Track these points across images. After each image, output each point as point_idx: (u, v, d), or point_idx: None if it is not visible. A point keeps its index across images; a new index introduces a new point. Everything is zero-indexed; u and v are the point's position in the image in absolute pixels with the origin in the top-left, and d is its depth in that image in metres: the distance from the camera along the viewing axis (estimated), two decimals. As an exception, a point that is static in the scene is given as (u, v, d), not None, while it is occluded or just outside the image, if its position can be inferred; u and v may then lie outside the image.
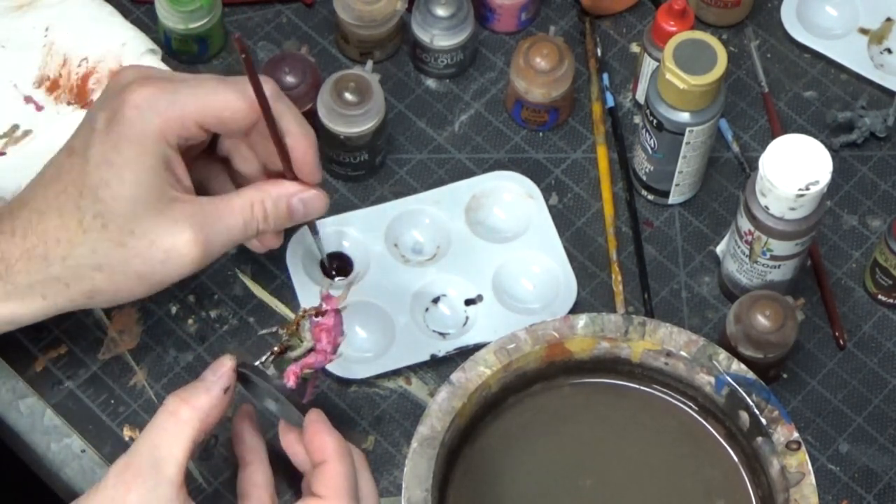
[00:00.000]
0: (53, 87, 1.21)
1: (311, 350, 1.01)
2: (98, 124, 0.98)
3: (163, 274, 0.98)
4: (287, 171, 1.03)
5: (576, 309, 1.15)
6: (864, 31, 1.27)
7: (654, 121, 1.13)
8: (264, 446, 1.03)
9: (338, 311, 1.01)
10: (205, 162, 1.06)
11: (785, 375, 1.14)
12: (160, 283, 0.99)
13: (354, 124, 1.16)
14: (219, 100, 0.99)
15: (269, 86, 1.01)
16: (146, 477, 0.92)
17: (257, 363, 1.00)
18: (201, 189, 1.05)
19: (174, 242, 0.97)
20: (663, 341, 1.05)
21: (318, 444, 0.97)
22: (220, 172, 1.07)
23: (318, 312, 1.01)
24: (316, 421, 0.98)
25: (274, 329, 1.03)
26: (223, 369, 0.97)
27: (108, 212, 0.96)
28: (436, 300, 1.15)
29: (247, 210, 1.01)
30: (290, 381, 1.00)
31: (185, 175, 1.00)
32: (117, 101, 0.98)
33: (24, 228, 0.98)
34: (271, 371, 1.00)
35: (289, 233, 1.16)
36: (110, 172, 0.96)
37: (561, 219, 1.19)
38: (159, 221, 0.97)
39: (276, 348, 1.01)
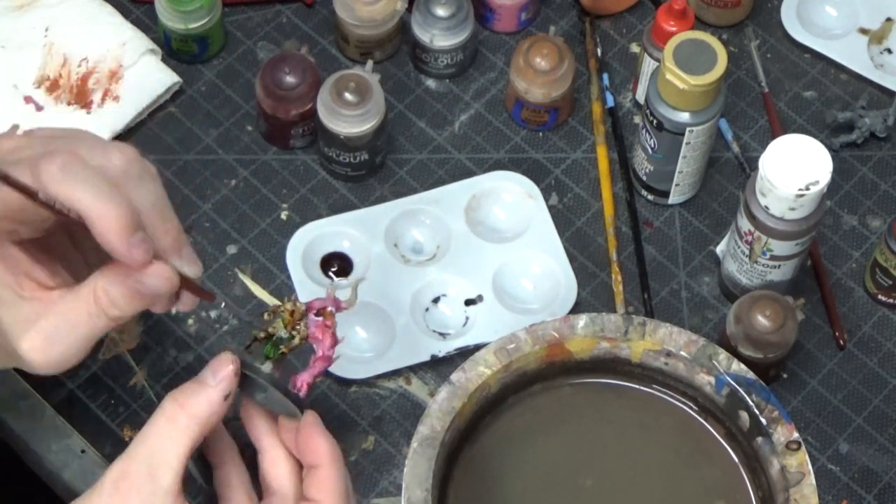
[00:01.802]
0: (53, 87, 1.21)
1: (300, 342, 0.99)
2: None
3: (25, 367, 0.92)
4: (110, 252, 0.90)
5: (576, 309, 1.15)
6: (864, 31, 1.27)
7: (654, 121, 1.13)
8: (235, 446, 1.02)
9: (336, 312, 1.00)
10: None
11: (785, 375, 1.14)
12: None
13: (354, 124, 1.16)
14: (6, 196, 0.86)
15: (51, 165, 0.85)
16: (142, 487, 0.91)
17: (241, 349, 0.98)
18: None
19: (20, 347, 0.90)
20: (663, 341, 1.05)
21: (312, 447, 0.97)
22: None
23: (321, 312, 1.00)
24: (311, 424, 0.97)
25: (267, 313, 1.00)
26: (224, 372, 0.95)
27: None
28: (436, 300, 1.15)
29: (90, 300, 0.89)
30: (304, 391, 0.99)
31: (35, 267, 0.91)
32: None
33: None
34: (265, 366, 0.99)
35: (289, 233, 1.16)
36: None
37: (561, 219, 1.19)
38: (6, 324, 0.90)
39: (261, 334, 0.99)
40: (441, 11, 1.21)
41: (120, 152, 0.88)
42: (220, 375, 0.94)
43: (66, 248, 0.94)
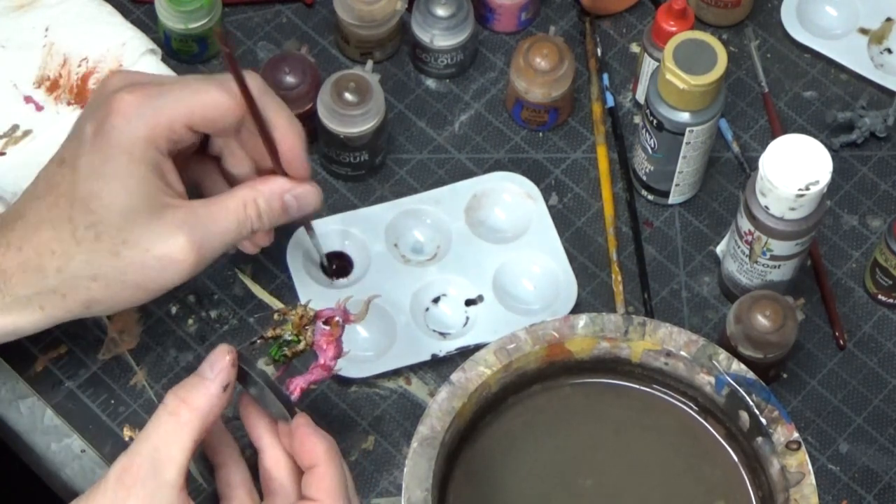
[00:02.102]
0: (53, 87, 1.21)
1: (305, 347, 1.00)
2: (86, 134, 0.98)
3: (159, 281, 0.98)
4: (277, 167, 1.03)
5: (576, 309, 1.15)
6: (864, 31, 1.27)
7: (654, 121, 1.13)
8: (237, 446, 1.02)
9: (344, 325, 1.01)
10: (197, 163, 1.06)
11: (785, 375, 1.14)
12: (157, 290, 0.99)
13: (354, 124, 1.16)
14: (205, 100, 0.99)
15: (254, 81, 1.00)
16: (146, 481, 0.92)
17: (247, 343, 0.99)
18: (195, 190, 1.04)
19: (169, 249, 0.97)
20: (663, 341, 1.05)
21: (307, 448, 0.97)
22: (213, 172, 1.07)
23: (329, 321, 1.00)
24: (303, 425, 0.98)
25: (274, 312, 1.01)
26: (221, 364, 0.96)
27: (101, 223, 0.96)
28: (436, 300, 1.15)
29: (240, 210, 1.01)
30: (296, 394, 0.99)
31: (176, 180, 1.00)
32: (104, 111, 0.98)
33: (19, 241, 0.98)
34: (268, 368, 0.99)
35: (288, 232, 1.16)
36: (100, 183, 0.96)
37: (561, 219, 1.19)
38: (152, 229, 0.97)
39: (268, 333, 1.00)
40: (441, 11, 1.21)
41: (257, 80, 1.01)
42: (217, 367, 0.96)
43: (182, 163, 1.03)
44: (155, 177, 0.97)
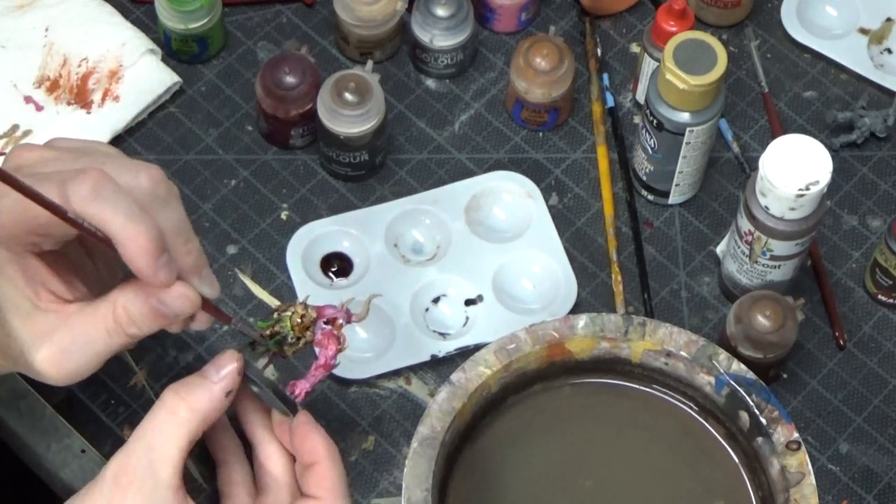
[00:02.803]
0: (53, 87, 1.21)
1: (303, 346, 0.99)
2: None
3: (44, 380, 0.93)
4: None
5: (576, 309, 1.15)
6: (864, 31, 1.27)
7: (654, 121, 1.13)
8: (240, 443, 1.02)
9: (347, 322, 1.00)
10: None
11: (785, 375, 1.14)
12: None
13: (354, 124, 1.16)
14: (34, 211, 0.86)
15: (84, 186, 0.86)
16: (143, 482, 0.91)
17: (247, 345, 0.97)
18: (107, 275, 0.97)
19: (32, 359, 0.91)
20: (663, 341, 1.05)
21: (308, 446, 0.97)
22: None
23: (331, 321, 0.99)
24: (305, 423, 0.97)
25: (273, 311, 0.99)
26: (228, 369, 0.95)
27: None
28: (436, 300, 1.15)
29: (108, 317, 0.91)
30: (301, 398, 0.98)
31: (52, 279, 0.91)
32: None
33: None
34: (266, 369, 0.99)
35: (289, 233, 1.16)
36: None
37: (561, 219, 1.19)
38: (22, 335, 0.91)
39: (266, 331, 0.98)
40: (441, 11, 1.21)
41: (147, 173, 0.89)
42: (223, 372, 0.94)
43: (82, 260, 0.95)
44: (22, 282, 0.90)
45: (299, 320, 0.97)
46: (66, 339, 0.90)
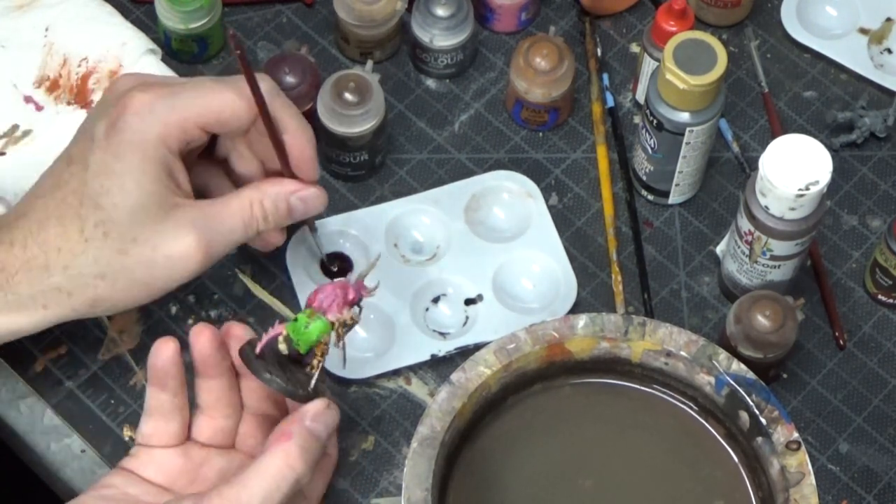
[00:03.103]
0: (53, 87, 1.21)
1: (320, 359, 0.99)
2: (98, 132, 0.98)
3: (166, 279, 0.99)
4: (285, 169, 1.04)
5: (576, 309, 1.15)
6: (864, 31, 1.27)
7: (654, 121, 1.13)
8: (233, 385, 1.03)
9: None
10: (203, 164, 1.06)
11: (785, 375, 1.14)
12: (163, 288, 1.00)
13: (354, 124, 1.16)
14: (217, 100, 1.00)
15: (265, 83, 1.01)
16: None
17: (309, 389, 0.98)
18: (200, 191, 1.05)
19: (177, 248, 0.98)
20: (663, 341, 1.05)
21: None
22: (219, 174, 1.07)
23: (352, 319, 1.01)
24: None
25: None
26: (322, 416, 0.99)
27: (110, 220, 0.97)
28: (436, 300, 1.15)
29: (246, 210, 1.02)
30: (260, 345, 0.99)
31: (185, 180, 1.01)
32: (117, 109, 0.98)
33: (23, 239, 0.98)
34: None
35: (289, 232, 1.16)
36: (111, 180, 0.97)
37: (561, 219, 1.19)
38: (161, 228, 0.98)
39: (314, 361, 1.00)
40: (441, 11, 1.21)
41: (268, 82, 1.02)
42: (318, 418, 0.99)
43: (189, 164, 1.03)
44: (166, 176, 0.98)
45: (341, 329, 0.99)
46: (208, 229, 1.00)
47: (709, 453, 1.07)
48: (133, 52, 1.22)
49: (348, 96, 1.15)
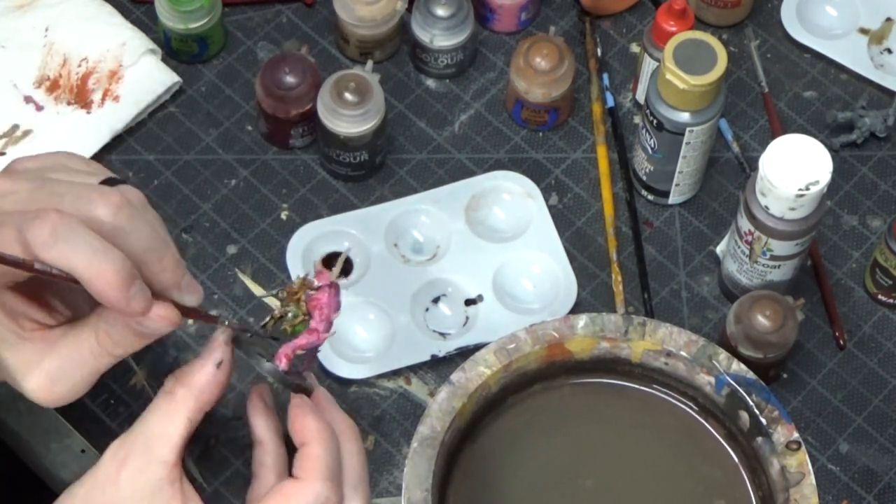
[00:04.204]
0: (53, 87, 1.21)
1: (302, 319, 0.98)
2: None
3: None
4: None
5: (576, 309, 1.15)
6: (864, 31, 1.27)
7: (654, 121, 1.13)
8: (278, 426, 1.00)
9: (333, 286, 0.96)
10: None
11: (785, 375, 1.14)
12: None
13: (354, 124, 1.16)
14: None
15: (41, 231, 0.84)
16: (138, 455, 0.91)
17: (259, 326, 0.97)
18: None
19: (28, 386, 0.92)
20: (663, 341, 1.05)
21: (298, 427, 0.95)
22: None
23: (311, 287, 0.97)
24: (298, 405, 0.96)
25: (275, 291, 0.99)
26: (215, 342, 0.94)
27: None
28: (436, 300, 1.15)
29: (92, 341, 0.91)
30: (283, 364, 0.97)
31: (32, 308, 0.91)
32: None
33: None
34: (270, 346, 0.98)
35: (289, 233, 1.16)
36: None
37: (561, 219, 1.19)
38: (11, 365, 0.91)
39: (275, 313, 0.98)
40: (441, 11, 1.21)
41: (105, 202, 0.86)
42: (211, 346, 0.94)
43: (59, 283, 0.92)
44: (1, 315, 0.90)
45: (295, 294, 0.96)
46: (54, 366, 0.91)
47: (709, 453, 1.07)
48: (133, 52, 1.22)
49: (348, 96, 1.15)
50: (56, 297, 0.93)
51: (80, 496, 0.92)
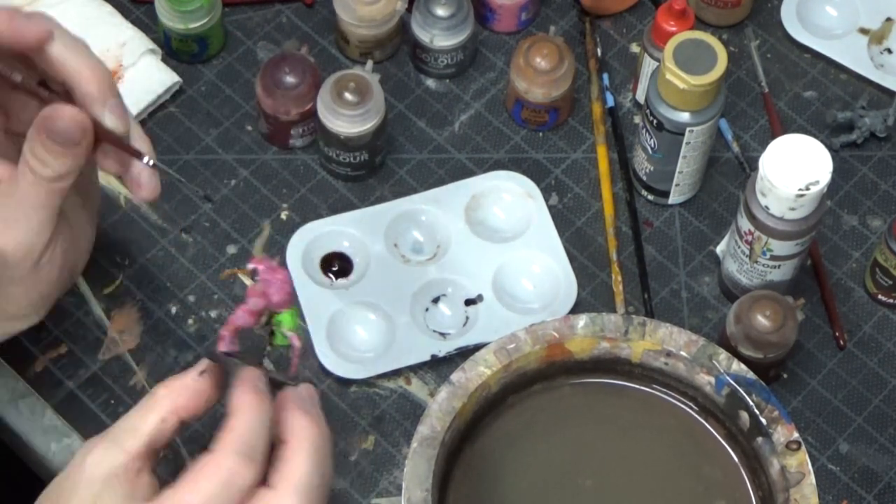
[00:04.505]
0: (53, 87, 1.21)
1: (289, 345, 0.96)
2: None
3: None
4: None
5: (576, 309, 1.15)
6: (864, 31, 1.27)
7: (654, 121, 1.13)
8: (305, 424, 0.95)
9: (264, 262, 0.93)
10: None
11: (785, 375, 1.14)
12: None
13: (354, 124, 1.16)
14: None
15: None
16: (105, 443, 0.87)
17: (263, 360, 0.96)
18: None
19: None
20: (663, 341, 1.05)
21: (281, 417, 0.88)
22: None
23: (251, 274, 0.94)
24: (243, 379, 0.89)
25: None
26: (204, 360, 0.92)
27: None
28: (436, 300, 1.15)
29: (26, 175, 0.90)
30: (221, 344, 0.93)
31: None
32: None
33: None
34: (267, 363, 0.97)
35: (289, 233, 1.16)
36: None
37: (561, 219, 1.19)
38: None
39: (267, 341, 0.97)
40: (441, 11, 1.21)
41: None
42: (201, 361, 0.91)
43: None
44: None
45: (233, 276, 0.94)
46: (4, 210, 0.90)
47: (709, 453, 1.07)
48: (133, 52, 1.22)
49: (348, 96, 1.15)
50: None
51: (55, 481, 0.91)
